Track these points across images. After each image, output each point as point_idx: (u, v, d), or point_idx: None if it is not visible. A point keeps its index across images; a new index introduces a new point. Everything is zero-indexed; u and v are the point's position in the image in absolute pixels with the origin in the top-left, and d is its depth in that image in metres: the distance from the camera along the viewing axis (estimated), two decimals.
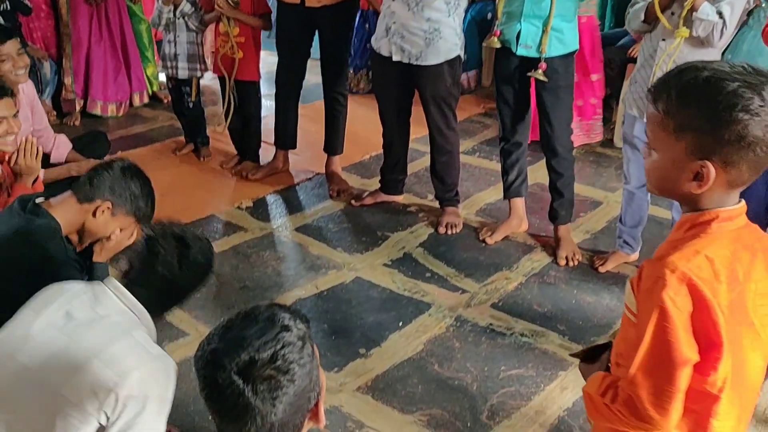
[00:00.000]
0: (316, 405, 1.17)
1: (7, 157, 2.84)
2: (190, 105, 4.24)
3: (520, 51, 3.05)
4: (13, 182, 2.86)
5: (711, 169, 1.18)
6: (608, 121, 4.85)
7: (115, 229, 2.29)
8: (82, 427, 1.53)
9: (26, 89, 3.30)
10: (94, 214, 2.22)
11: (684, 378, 1.20)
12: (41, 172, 2.94)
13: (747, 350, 1.28)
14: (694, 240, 1.24)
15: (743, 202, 1.27)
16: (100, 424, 1.55)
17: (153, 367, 1.61)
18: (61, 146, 3.54)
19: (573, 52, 3.11)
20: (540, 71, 3.02)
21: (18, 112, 2.81)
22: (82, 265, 2.31)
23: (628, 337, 1.33)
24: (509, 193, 3.46)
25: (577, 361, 1.57)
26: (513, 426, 2.35)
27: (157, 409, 1.61)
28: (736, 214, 1.26)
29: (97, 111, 4.96)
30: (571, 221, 3.41)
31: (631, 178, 3.06)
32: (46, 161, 3.51)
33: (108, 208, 2.21)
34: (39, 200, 2.26)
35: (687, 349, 1.19)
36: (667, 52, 2.70)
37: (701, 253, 1.21)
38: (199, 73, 4.16)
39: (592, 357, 1.52)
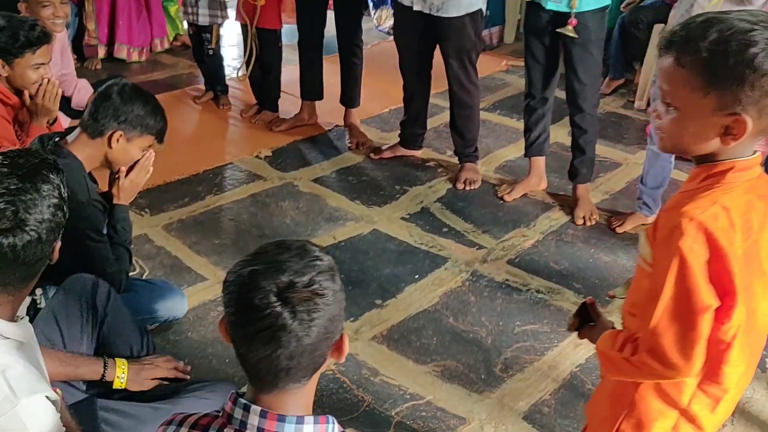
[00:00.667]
0: (341, 338, 1.19)
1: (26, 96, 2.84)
2: (210, 52, 4.21)
3: (550, 5, 3.00)
4: (30, 123, 2.87)
5: (748, 122, 1.17)
6: (630, 83, 4.79)
7: (138, 152, 2.29)
8: None
9: (59, 34, 3.29)
10: (110, 145, 2.23)
11: (706, 324, 1.21)
12: (60, 115, 2.95)
13: (759, 298, 1.30)
14: (710, 190, 1.24)
15: (759, 152, 1.27)
16: None
17: None
18: (82, 90, 3.55)
19: (605, 7, 3.04)
20: (570, 27, 2.97)
21: (50, 60, 2.81)
22: (104, 205, 2.33)
23: (642, 287, 1.34)
24: (531, 150, 3.43)
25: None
26: (526, 379, 2.37)
27: None
28: (751, 164, 1.26)
29: (123, 55, 4.96)
30: (590, 181, 3.38)
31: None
32: (67, 105, 3.53)
33: (120, 135, 2.21)
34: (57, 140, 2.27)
35: (707, 296, 1.21)
36: (707, 10, 2.64)
37: (717, 202, 1.21)
38: (219, 20, 4.12)
39: (585, 321, 1.52)
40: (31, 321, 2.19)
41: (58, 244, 1.39)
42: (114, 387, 1.99)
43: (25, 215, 1.30)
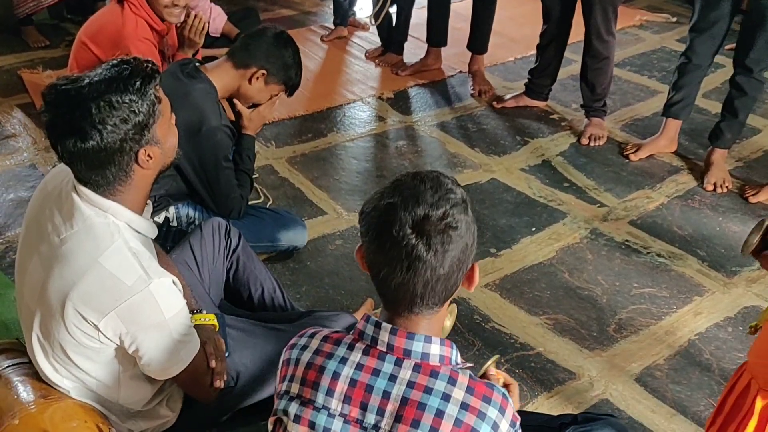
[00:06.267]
0: (472, 268, 1.21)
1: (175, 28, 2.96)
2: None
3: None
4: (175, 52, 3.00)
5: None
6: None
7: (267, 97, 2.37)
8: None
9: None
10: (249, 81, 2.30)
11: None
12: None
13: None
14: None
15: None
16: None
17: (130, 303, 1.42)
18: (217, 18, 3.65)
19: None
20: None
21: None
22: (233, 131, 2.42)
23: None
24: (670, 111, 3.28)
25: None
26: (640, 342, 2.32)
27: (159, 332, 1.49)
28: None
29: None
30: (729, 148, 3.21)
31: None
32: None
33: (263, 74, 2.29)
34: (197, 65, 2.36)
35: None
36: None
37: None
38: None
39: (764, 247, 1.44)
40: (165, 236, 2.35)
41: (144, 151, 1.45)
42: None
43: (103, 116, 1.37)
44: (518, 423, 1.19)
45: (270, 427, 1.27)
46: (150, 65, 1.46)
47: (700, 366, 2.24)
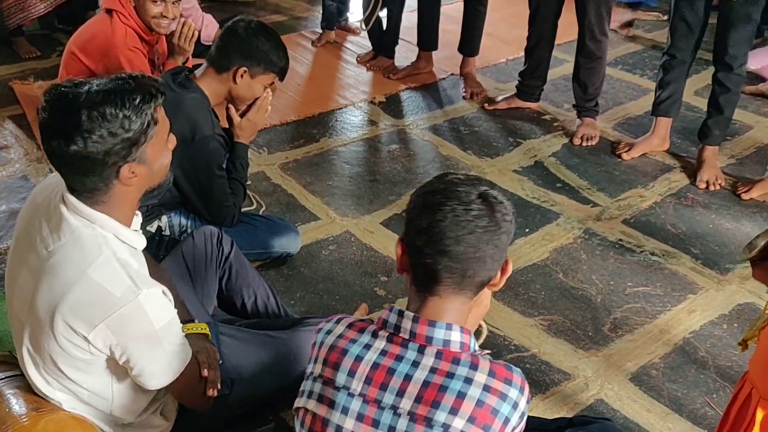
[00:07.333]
0: (507, 261, 1.27)
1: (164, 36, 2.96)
2: None
3: None
4: (166, 60, 3.00)
5: None
6: None
7: (261, 89, 2.34)
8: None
9: None
10: (235, 81, 2.29)
11: None
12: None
13: None
14: None
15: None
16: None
17: (119, 314, 1.41)
18: (209, 26, 3.66)
19: None
20: None
21: (179, 0, 2.89)
22: (226, 140, 2.42)
23: None
24: (659, 109, 3.28)
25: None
26: (635, 341, 2.32)
27: (149, 343, 1.48)
28: None
29: None
30: (719, 144, 3.22)
31: None
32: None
33: (245, 71, 2.27)
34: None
35: None
36: None
37: None
38: None
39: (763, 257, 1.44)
40: (158, 245, 2.34)
41: (128, 167, 1.44)
42: None
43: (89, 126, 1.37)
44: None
45: (295, 414, 1.31)
46: (155, 85, 1.45)
47: (695, 364, 2.25)
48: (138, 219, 1.61)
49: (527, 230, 2.83)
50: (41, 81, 3.78)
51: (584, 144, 3.41)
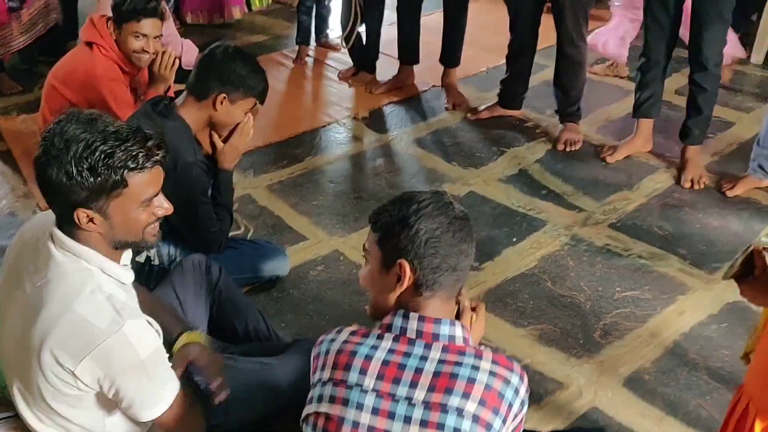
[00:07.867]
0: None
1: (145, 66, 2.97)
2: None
3: None
4: (147, 89, 3.01)
5: None
6: (747, 36, 4.50)
7: (241, 115, 2.34)
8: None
9: None
10: (215, 108, 2.29)
11: None
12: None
13: None
14: None
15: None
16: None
17: (104, 346, 1.41)
18: (189, 51, 3.67)
19: None
20: None
21: (161, 35, 2.90)
22: (209, 167, 2.42)
23: None
24: (639, 111, 3.31)
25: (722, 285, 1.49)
26: (626, 346, 2.33)
27: (136, 374, 1.47)
28: None
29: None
30: (701, 143, 3.23)
31: None
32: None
33: (224, 97, 2.27)
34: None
35: None
36: None
37: None
38: None
39: (745, 273, 1.43)
40: (148, 275, 2.35)
41: (85, 213, 1.43)
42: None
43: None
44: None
45: (304, 423, 1.34)
46: (148, 154, 1.44)
47: (687, 366, 2.25)
48: (128, 254, 1.61)
49: (514, 239, 2.84)
50: (24, 115, 3.78)
51: (568, 149, 3.43)
